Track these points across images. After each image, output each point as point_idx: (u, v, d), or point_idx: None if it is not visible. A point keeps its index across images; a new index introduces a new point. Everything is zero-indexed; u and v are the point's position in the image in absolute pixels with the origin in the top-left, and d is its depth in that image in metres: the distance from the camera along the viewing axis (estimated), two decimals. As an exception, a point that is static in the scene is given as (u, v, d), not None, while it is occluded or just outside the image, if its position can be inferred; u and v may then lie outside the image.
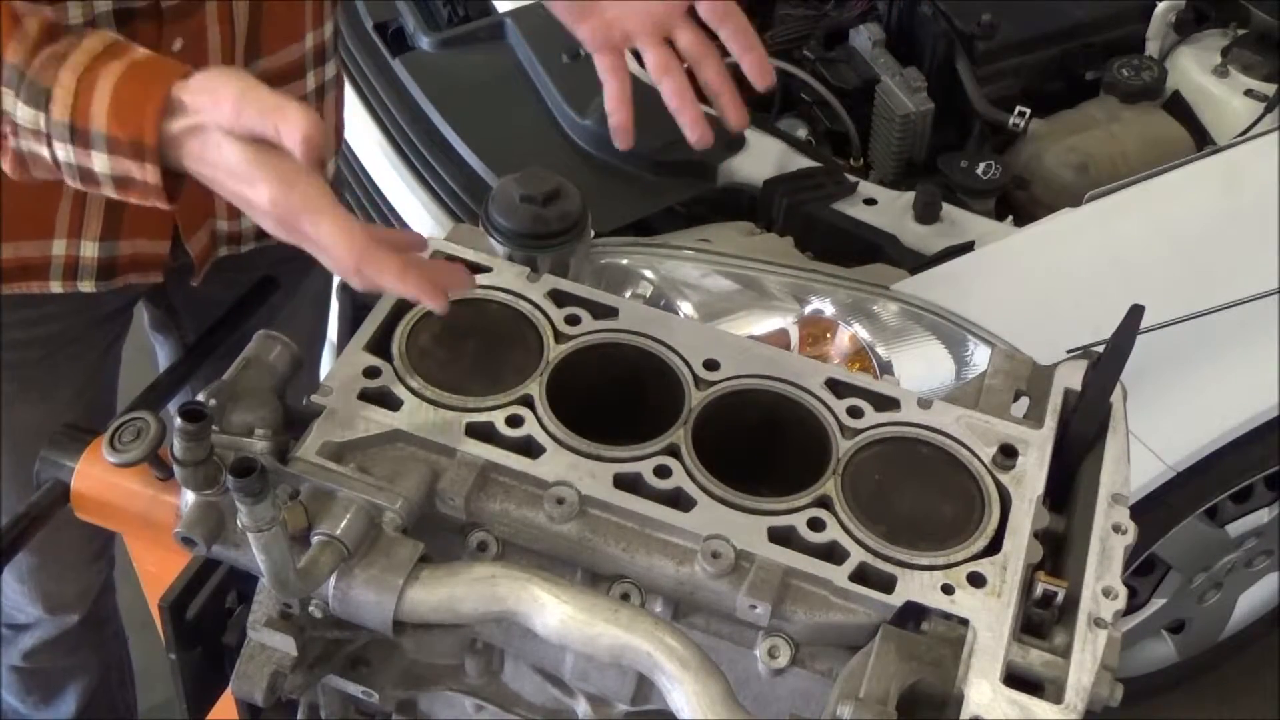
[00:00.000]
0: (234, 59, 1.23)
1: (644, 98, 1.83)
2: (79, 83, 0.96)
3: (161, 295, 1.52)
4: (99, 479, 1.05)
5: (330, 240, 0.92)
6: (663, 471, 0.95)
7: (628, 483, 0.95)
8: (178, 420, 0.85)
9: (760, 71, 1.23)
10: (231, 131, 0.92)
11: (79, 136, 0.96)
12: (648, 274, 1.63)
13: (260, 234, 1.39)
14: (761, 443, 1.02)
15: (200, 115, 0.93)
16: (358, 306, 1.10)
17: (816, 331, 1.60)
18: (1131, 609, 2.11)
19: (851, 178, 1.75)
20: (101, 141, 0.96)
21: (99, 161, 0.97)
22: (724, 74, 1.23)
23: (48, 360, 1.41)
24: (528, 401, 0.99)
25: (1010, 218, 1.78)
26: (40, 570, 1.60)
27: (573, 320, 1.06)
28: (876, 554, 0.91)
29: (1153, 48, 2.00)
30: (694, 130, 1.22)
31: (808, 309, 1.61)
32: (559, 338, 1.05)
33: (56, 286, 1.30)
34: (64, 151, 0.97)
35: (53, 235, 1.26)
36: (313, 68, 1.34)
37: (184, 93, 0.94)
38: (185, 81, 0.94)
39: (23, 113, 0.96)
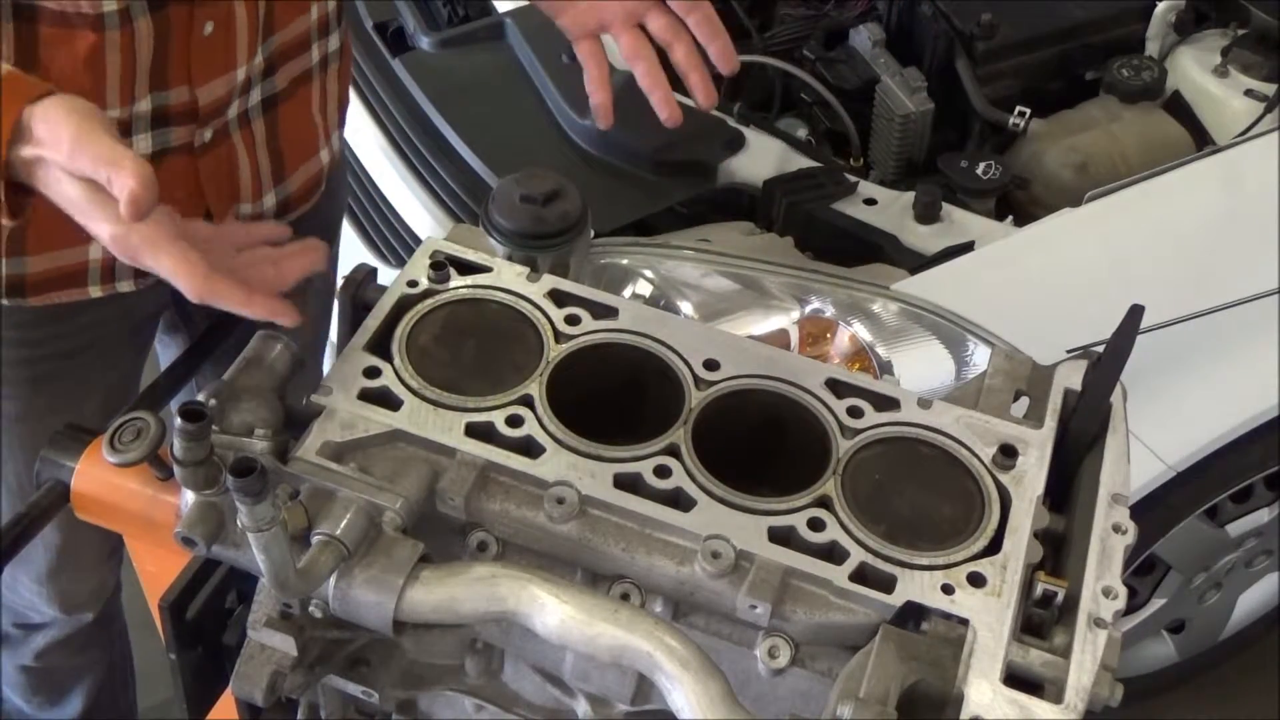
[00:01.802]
0: (256, 37, 1.24)
1: (645, 100, 1.83)
2: None
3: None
4: (99, 479, 1.05)
5: (172, 273, 0.94)
6: (663, 471, 0.95)
7: (628, 483, 0.95)
8: (178, 420, 0.84)
9: (724, 58, 1.33)
10: (67, 171, 0.93)
11: None
12: (648, 274, 1.63)
13: (279, 213, 1.39)
14: (761, 443, 1.02)
15: (41, 149, 0.93)
16: (357, 307, 1.10)
17: (816, 331, 1.60)
18: (1131, 609, 2.11)
19: (851, 178, 1.75)
20: None
21: None
22: (693, 55, 1.33)
23: (79, 373, 1.41)
24: (528, 401, 0.99)
25: (1010, 218, 1.78)
26: (60, 572, 1.61)
27: (573, 320, 1.06)
28: (876, 554, 0.91)
29: (1153, 48, 2.00)
30: (664, 108, 1.34)
31: (808, 309, 1.61)
32: (559, 338, 1.05)
33: (95, 290, 1.30)
34: None
35: (89, 240, 1.24)
36: (317, 39, 1.36)
37: (33, 119, 0.94)
38: (35, 106, 0.94)
39: None
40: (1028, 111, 1.89)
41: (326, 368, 1.02)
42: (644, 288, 1.63)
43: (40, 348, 1.36)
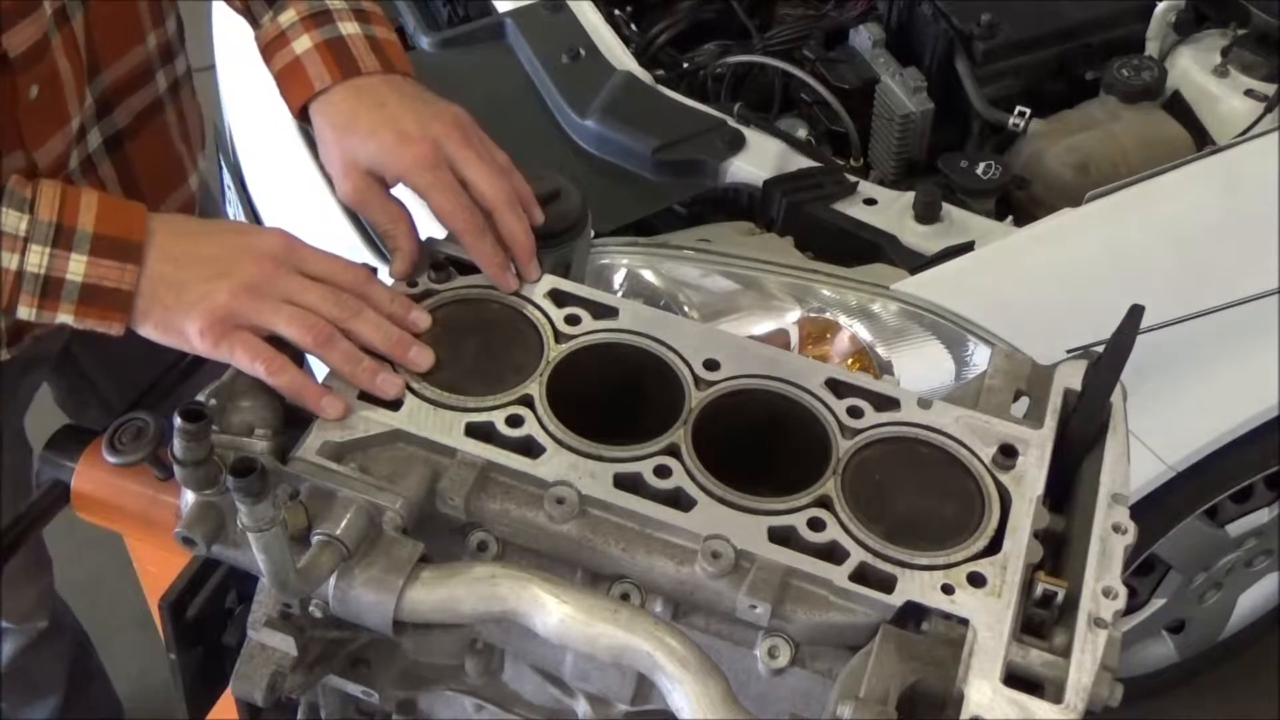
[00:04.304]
0: (83, 82, 1.18)
1: (645, 100, 1.84)
2: (63, 192, 0.99)
3: (70, 364, 1.51)
4: (99, 479, 1.05)
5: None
6: (663, 471, 0.95)
7: (628, 483, 0.95)
8: (178, 420, 0.84)
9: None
10: None
11: (62, 236, 0.97)
12: (647, 274, 1.63)
13: None
14: (761, 443, 1.02)
15: None
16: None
17: (816, 331, 1.60)
18: (1131, 609, 2.11)
19: (851, 178, 1.75)
20: (86, 242, 0.97)
21: (75, 266, 0.97)
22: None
23: None
24: (528, 401, 0.99)
25: (1010, 218, 1.78)
26: None
27: (573, 320, 1.06)
28: (876, 554, 0.91)
29: (1153, 48, 2.00)
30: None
31: (808, 309, 1.61)
32: (559, 338, 1.05)
33: None
34: (37, 257, 0.97)
35: None
36: (161, 67, 1.29)
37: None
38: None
39: (4, 218, 0.97)
40: (1028, 111, 1.89)
41: (320, 371, 1.02)
42: (644, 287, 1.62)
43: None
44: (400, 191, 1.11)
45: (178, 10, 1.32)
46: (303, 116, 1.15)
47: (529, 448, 0.97)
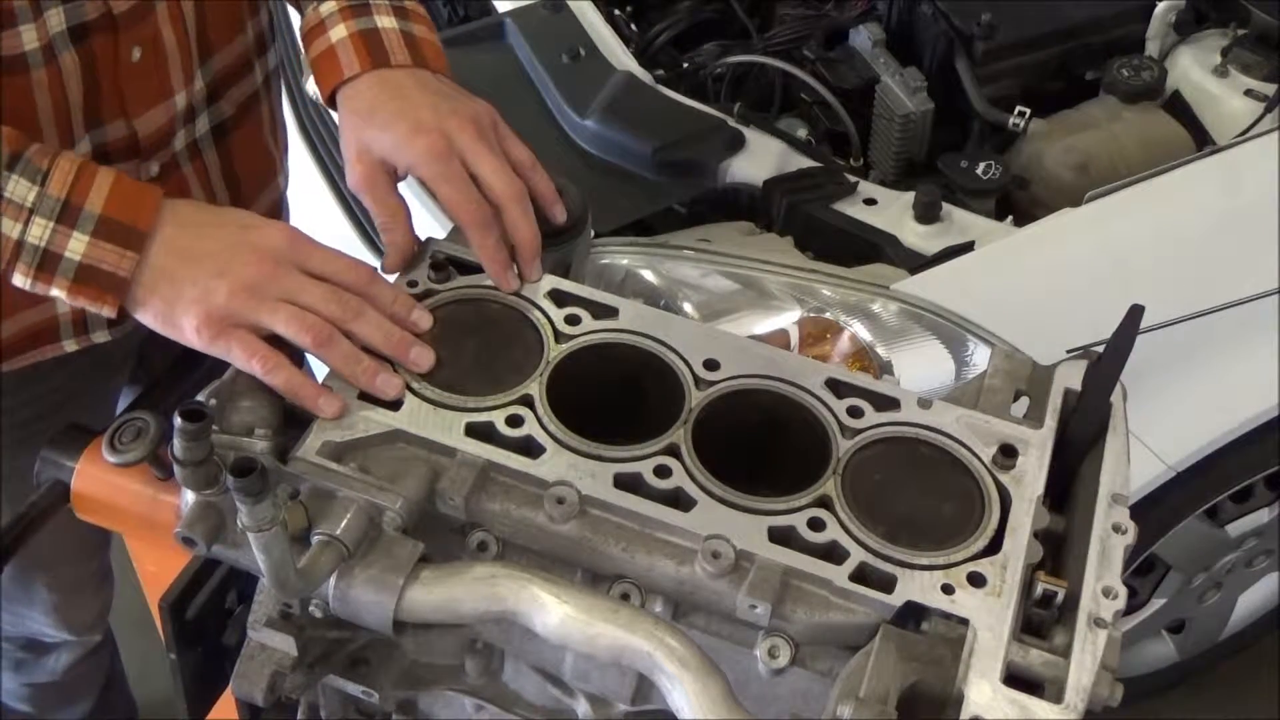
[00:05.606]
0: (191, 61, 1.19)
1: (645, 100, 1.83)
2: (79, 168, 0.99)
3: (140, 364, 1.50)
4: (99, 479, 1.05)
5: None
6: (663, 471, 0.95)
7: (628, 483, 0.95)
8: (178, 420, 0.84)
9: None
10: None
11: (68, 214, 0.98)
12: (647, 274, 1.63)
13: None
14: (761, 443, 1.02)
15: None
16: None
17: (816, 331, 1.60)
18: (1131, 609, 2.11)
19: (851, 178, 1.75)
20: (91, 223, 0.98)
21: (75, 245, 0.98)
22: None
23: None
24: (528, 401, 1.00)
25: (1010, 218, 1.78)
26: (66, 605, 1.64)
27: (573, 320, 1.06)
28: (876, 554, 0.91)
29: (1153, 48, 2.00)
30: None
31: (808, 309, 1.61)
32: (559, 338, 1.05)
33: (70, 345, 1.25)
34: (40, 230, 0.98)
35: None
36: (258, 57, 1.31)
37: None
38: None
39: (14, 186, 0.97)
40: (1028, 111, 1.89)
41: (320, 369, 1.02)
42: (644, 288, 1.63)
43: (15, 414, 1.31)
44: (410, 187, 1.12)
45: (269, 4, 1.33)
46: (331, 103, 1.16)
47: (529, 448, 0.97)
